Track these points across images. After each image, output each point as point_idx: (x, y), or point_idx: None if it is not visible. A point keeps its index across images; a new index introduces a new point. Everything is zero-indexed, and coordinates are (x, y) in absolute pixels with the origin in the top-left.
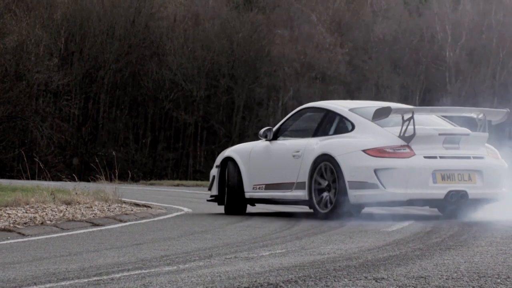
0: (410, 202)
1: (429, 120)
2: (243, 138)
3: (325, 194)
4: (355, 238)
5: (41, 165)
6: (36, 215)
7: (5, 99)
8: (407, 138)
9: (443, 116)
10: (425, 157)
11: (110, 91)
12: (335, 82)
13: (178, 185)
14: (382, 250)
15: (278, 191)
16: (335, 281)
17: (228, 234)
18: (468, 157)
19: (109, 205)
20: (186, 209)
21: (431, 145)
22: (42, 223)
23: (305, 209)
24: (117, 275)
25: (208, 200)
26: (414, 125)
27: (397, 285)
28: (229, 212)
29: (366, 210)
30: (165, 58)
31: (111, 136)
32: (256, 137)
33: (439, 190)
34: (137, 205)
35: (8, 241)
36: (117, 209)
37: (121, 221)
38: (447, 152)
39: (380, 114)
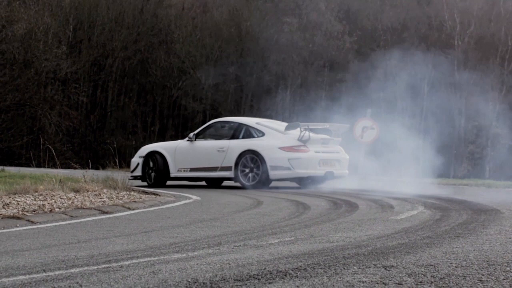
0: (308, 178)
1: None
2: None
3: (249, 174)
4: (364, 226)
5: (53, 152)
6: (45, 202)
7: (13, 86)
8: (304, 141)
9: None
10: (315, 152)
11: (118, 79)
12: (343, 70)
13: None
14: (391, 238)
15: (203, 172)
16: (344, 268)
17: (237, 222)
18: (333, 152)
19: (118, 193)
20: (194, 197)
21: (316, 145)
22: (51, 211)
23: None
24: (126, 263)
25: (129, 179)
26: (309, 133)
27: (407, 273)
28: (154, 186)
29: (376, 200)
30: (173, 46)
31: (120, 124)
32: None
33: (321, 171)
34: (145, 192)
35: (17, 229)
36: (125, 196)
37: (129, 208)
38: (323, 149)
39: (291, 127)
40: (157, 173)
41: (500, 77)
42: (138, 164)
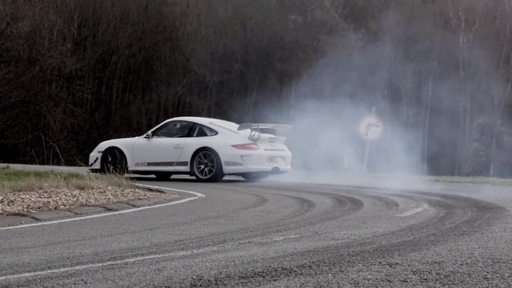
0: (257, 173)
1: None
2: (255, 123)
3: (204, 168)
4: (368, 224)
5: (57, 149)
6: (50, 199)
7: (18, 83)
8: (254, 140)
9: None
10: (264, 149)
11: (123, 76)
12: (348, 68)
13: None
14: (396, 236)
15: (160, 166)
16: (349, 266)
17: (242, 219)
18: (278, 150)
19: (123, 190)
20: (199, 194)
21: (265, 144)
22: (55, 208)
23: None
24: (131, 260)
25: (88, 172)
26: (259, 132)
27: (411, 270)
28: None
29: (381, 198)
30: (178, 43)
31: (124, 121)
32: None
33: (269, 166)
34: (150, 190)
35: (22, 226)
36: (130, 194)
37: (134, 206)
38: (271, 147)
39: (243, 127)
40: (115, 167)
41: (505, 74)
42: (97, 158)
